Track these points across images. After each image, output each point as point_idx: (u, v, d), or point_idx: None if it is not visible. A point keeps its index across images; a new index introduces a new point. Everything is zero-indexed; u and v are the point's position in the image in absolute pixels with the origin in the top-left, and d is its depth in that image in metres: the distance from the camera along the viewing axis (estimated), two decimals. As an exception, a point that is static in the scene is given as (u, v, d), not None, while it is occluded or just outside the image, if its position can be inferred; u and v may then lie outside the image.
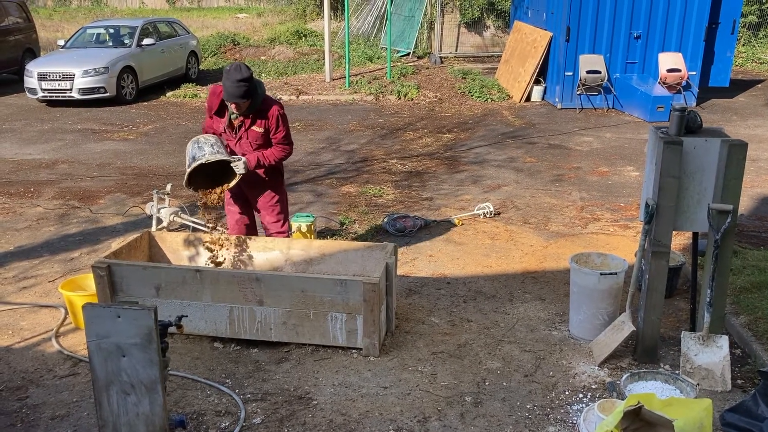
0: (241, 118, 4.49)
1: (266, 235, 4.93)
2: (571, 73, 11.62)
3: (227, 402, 3.65)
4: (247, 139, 4.54)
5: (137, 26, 13.48)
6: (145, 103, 12.67)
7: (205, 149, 4.35)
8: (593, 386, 3.79)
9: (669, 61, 11.31)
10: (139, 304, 3.09)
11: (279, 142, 4.58)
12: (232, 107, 4.41)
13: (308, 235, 5.58)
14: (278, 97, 12.34)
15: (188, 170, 4.31)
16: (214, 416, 3.53)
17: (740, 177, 3.70)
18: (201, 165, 4.29)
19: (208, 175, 4.48)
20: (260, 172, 4.66)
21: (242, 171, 4.45)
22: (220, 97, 4.48)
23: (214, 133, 4.59)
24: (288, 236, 4.94)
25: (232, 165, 4.43)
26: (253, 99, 4.39)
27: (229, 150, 4.56)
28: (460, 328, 4.44)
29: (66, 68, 11.99)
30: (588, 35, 11.47)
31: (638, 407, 2.74)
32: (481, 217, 6.48)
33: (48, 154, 9.01)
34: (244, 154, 4.53)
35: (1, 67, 14.40)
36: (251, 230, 5.01)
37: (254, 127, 4.50)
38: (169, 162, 8.65)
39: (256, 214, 4.99)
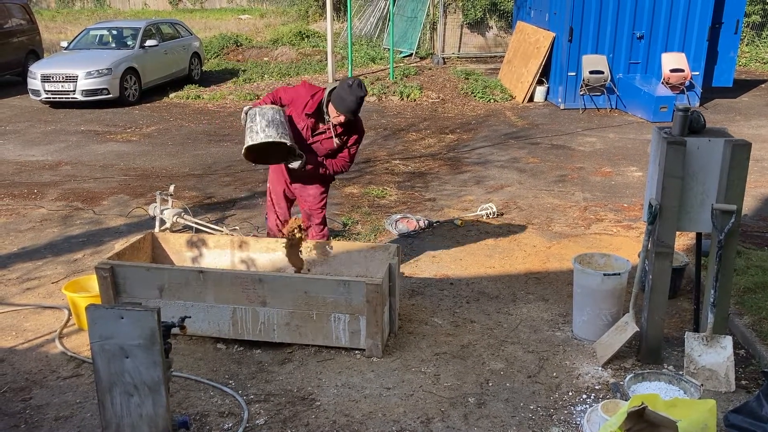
0: (329, 126, 4.52)
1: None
2: (574, 74, 11.61)
3: (230, 403, 3.65)
4: (323, 145, 4.58)
5: (140, 28, 13.50)
6: (148, 104, 12.69)
7: (279, 128, 4.26)
8: (597, 387, 3.78)
9: (672, 61, 11.29)
10: (142, 305, 3.10)
11: (345, 156, 4.67)
12: (338, 118, 4.42)
13: (311, 236, 5.58)
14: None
15: (253, 142, 4.21)
16: (217, 417, 3.53)
17: (744, 177, 3.69)
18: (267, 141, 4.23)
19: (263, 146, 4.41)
20: (312, 175, 4.70)
21: (295, 167, 4.48)
22: (316, 102, 4.47)
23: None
24: (328, 239, 4.99)
25: (288, 164, 4.44)
26: (356, 116, 4.49)
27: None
28: (463, 329, 4.44)
29: (69, 70, 12.01)
30: (591, 35, 11.46)
31: (642, 408, 2.74)
32: (484, 217, 6.48)
33: (51, 156, 9.03)
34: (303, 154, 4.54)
35: (5, 68, 14.43)
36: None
37: (336, 138, 4.56)
38: (172, 163, 8.66)
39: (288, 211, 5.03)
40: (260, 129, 4.22)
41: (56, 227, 6.36)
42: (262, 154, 4.44)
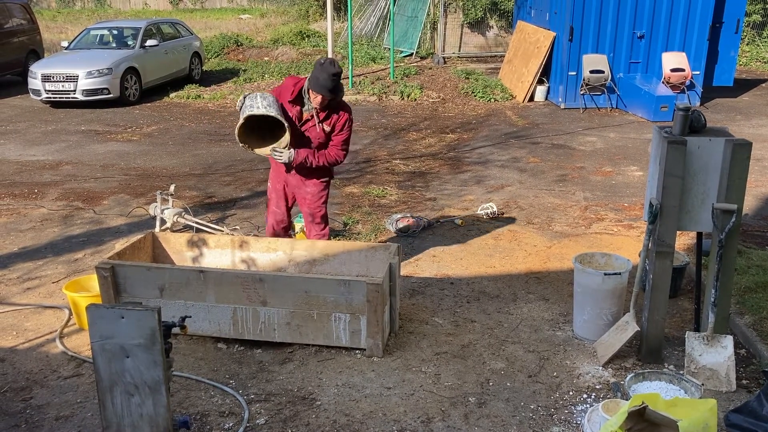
0: (312, 114, 4.50)
1: (307, 237, 4.97)
2: (574, 73, 11.61)
3: (231, 403, 3.65)
4: (311, 134, 4.55)
5: (140, 27, 13.51)
6: (149, 104, 12.69)
7: (280, 111, 4.28)
8: (597, 386, 3.78)
9: (673, 60, 11.29)
10: (142, 304, 3.10)
11: (336, 144, 4.61)
12: (316, 100, 4.40)
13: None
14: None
15: (253, 113, 4.23)
16: (217, 417, 3.53)
17: (744, 176, 3.69)
18: (261, 116, 4.24)
19: (256, 129, 4.42)
20: (309, 171, 4.67)
21: (283, 161, 4.48)
22: (298, 88, 4.48)
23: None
24: (329, 239, 4.98)
25: (275, 154, 4.43)
26: (336, 96, 4.44)
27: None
28: (463, 329, 4.44)
29: (70, 69, 12.01)
30: (591, 35, 11.45)
31: (642, 407, 2.74)
32: (485, 217, 6.48)
33: (52, 156, 9.03)
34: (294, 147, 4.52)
35: (6, 68, 14.44)
36: (287, 234, 5.06)
37: (323, 124, 4.53)
38: (173, 163, 8.66)
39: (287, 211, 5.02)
40: (261, 105, 4.26)
41: (57, 227, 6.36)
42: (255, 137, 4.44)
